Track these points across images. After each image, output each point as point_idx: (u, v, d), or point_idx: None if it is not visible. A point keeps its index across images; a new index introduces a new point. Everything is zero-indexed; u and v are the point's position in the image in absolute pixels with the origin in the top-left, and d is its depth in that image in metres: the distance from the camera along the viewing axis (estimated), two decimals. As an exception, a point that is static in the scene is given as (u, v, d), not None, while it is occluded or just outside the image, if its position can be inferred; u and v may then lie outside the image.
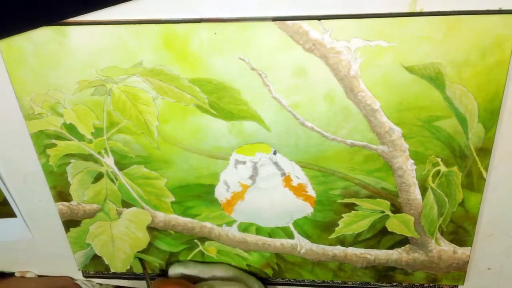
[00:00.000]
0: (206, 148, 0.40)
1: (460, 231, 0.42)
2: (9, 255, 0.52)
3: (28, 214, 0.48)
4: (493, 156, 0.38)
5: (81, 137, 0.41)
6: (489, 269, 0.46)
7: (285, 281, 0.49)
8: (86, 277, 0.52)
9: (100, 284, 0.53)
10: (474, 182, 0.39)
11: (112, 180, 0.43)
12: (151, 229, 0.46)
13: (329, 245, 0.45)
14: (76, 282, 0.52)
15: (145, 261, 0.49)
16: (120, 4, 0.34)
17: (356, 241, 0.44)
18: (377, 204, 0.42)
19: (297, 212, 0.43)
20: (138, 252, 0.48)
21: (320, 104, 0.37)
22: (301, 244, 0.45)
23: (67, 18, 0.35)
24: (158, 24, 0.34)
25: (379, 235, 0.44)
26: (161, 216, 0.45)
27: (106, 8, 0.34)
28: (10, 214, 0.47)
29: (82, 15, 0.35)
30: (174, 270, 0.48)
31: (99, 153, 0.42)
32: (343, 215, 0.43)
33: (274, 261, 0.47)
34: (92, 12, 0.35)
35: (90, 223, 0.46)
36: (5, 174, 0.45)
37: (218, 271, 0.48)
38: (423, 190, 0.40)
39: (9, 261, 0.52)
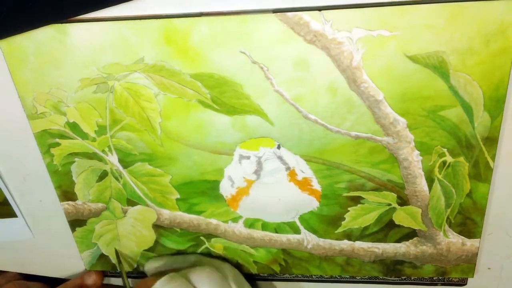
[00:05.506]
0: (209, 144, 0.40)
1: (469, 222, 0.42)
2: (10, 255, 0.52)
3: (29, 214, 0.48)
4: (500, 147, 0.38)
5: (84, 136, 0.41)
6: (489, 269, 0.45)
7: (293, 277, 0.49)
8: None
9: None
10: (481, 172, 0.39)
11: (116, 178, 0.43)
12: (157, 227, 0.46)
13: (336, 239, 0.45)
14: None
15: (121, 254, 0.48)
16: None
17: (363, 234, 0.44)
18: (383, 197, 0.41)
19: (302, 206, 0.43)
20: (145, 250, 0.48)
21: (323, 96, 0.36)
22: (308, 239, 0.45)
23: (70, 17, 0.35)
24: (158, 20, 0.34)
25: (386, 228, 0.43)
26: (166, 213, 0.45)
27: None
28: (11, 214, 0.47)
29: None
30: (150, 266, 0.48)
31: (103, 151, 0.42)
32: (349, 208, 0.42)
33: (281, 257, 0.47)
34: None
35: (96, 222, 0.46)
36: (6, 174, 0.45)
37: (193, 260, 0.47)
38: (430, 181, 0.40)
39: (10, 261, 0.53)
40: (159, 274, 0.46)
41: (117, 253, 0.48)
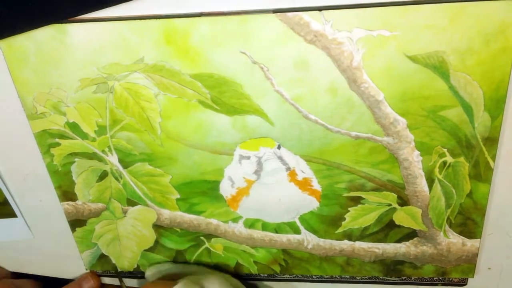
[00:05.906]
0: (209, 144, 0.40)
1: (469, 222, 0.42)
2: (10, 255, 0.52)
3: (29, 214, 0.48)
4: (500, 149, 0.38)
5: (84, 136, 0.41)
6: (489, 269, 0.45)
7: (293, 277, 0.49)
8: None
9: None
10: (482, 173, 0.39)
11: (116, 179, 0.43)
12: (157, 227, 0.46)
13: (336, 239, 0.44)
14: None
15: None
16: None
17: (363, 235, 0.44)
18: (383, 197, 0.41)
19: (303, 206, 0.43)
20: (145, 250, 0.48)
21: (323, 97, 0.36)
22: (308, 239, 0.45)
23: (70, 17, 0.35)
24: (158, 20, 0.34)
25: (387, 229, 0.43)
26: (166, 213, 0.45)
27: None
28: (11, 214, 0.47)
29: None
30: (151, 271, 0.48)
31: (103, 151, 0.42)
32: (349, 209, 0.42)
33: (281, 257, 0.47)
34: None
35: (96, 222, 0.46)
36: (5, 174, 0.45)
37: (194, 270, 0.47)
38: (430, 181, 0.40)
39: (10, 261, 0.53)
40: (162, 279, 0.47)
41: (119, 277, 0.49)
